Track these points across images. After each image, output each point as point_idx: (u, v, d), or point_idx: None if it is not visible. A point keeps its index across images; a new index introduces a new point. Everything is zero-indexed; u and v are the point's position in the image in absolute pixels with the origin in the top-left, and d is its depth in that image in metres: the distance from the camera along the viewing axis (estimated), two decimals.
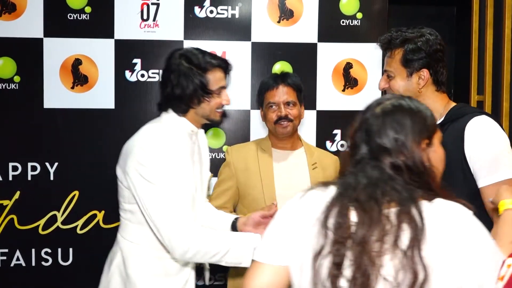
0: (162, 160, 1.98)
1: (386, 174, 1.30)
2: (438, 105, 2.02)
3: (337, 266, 1.25)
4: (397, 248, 1.21)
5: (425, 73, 2.00)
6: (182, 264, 2.10)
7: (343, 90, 3.15)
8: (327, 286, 1.26)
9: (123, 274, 2.09)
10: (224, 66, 2.12)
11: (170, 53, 2.13)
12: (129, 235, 2.10)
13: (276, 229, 1.40)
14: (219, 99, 2.10)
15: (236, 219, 2.28)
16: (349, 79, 3.12)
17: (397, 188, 1.28)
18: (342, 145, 3.16)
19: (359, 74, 3.14)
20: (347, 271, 1.24)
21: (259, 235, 2.00)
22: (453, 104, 2.05)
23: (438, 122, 1.99)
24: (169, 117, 2.12)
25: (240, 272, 2.27)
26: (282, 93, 2.54)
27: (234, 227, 2.25)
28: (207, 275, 2.31)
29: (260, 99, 2.65)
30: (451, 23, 4.13)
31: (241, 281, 1.45)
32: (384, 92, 2.14)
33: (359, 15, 3.11)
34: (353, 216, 1.27)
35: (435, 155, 1.36)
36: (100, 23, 2.98)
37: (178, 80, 2.04)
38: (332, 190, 1.35)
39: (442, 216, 1.26)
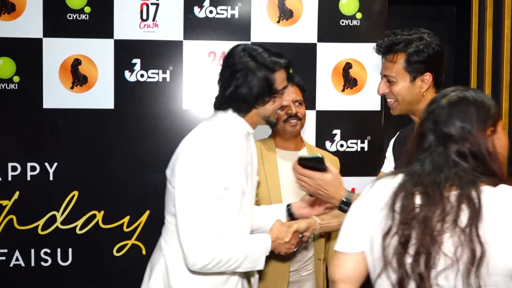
0: (208, 165, 1.88)
1: (452, 160, 1.41)
2: None
3: (403, 245, 1.38)
4: (456, 226, 1.33)
5: (428, 76, 1.97)
6: (229, 273, 1.99)
7: (343, 90, 3.14)
8: (393, 263, 1.40)
9: (166, 285, 2.00)
10: (288, 65, 2.06)
11: (231, 50, 2.03)
12: (173, 241, 1.98)
13: (351, 219, 1.53)
14: (281, 99, 2.06)
15: (289, 206, 2.26)
16: (348, 79, 3.12)
17: (460, 173, 1.38)
18: (341, 145, 3.16)
19: (359, 74, 3.14)
20: (411, 249, 1.37)
21: (269, 237, 1.99)
22: None
23: None
24: (227, 117, 2.01)
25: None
26: (291, 92, 2.51)
27: (290, 215, 2.23)
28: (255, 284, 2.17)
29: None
30: (450, 23, 4.13)
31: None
32: (383, 96, 2.11)
33: (359, 15, 3.11)
34: (418, 200, 1.40)
35: (499, 142, 1.45)
36: (99, 23, 2.98)
37: (245, 79, 1.95)
38: (399, 178, 1.47)
39: (502, 199, 1.36)
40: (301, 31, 3.09)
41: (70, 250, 3.00)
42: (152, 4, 3.00)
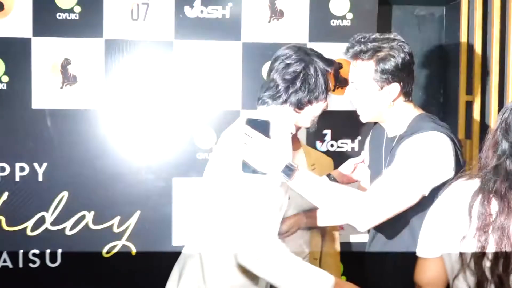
0: None
1: None
2: (406, 115, 1.98)
3: (481, 249, 1.46)
4: None
5: (395, 87, 1.91)
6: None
7: (333, 90, 3.14)
8: (471, 266, 1.48)
9: (199, 280, 1.96)
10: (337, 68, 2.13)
11: (304, 50, 2.06)
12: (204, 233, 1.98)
13: (430, 223, 1.62)
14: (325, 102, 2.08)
15: (329, 175, 2.27)
16: (339, 79, 3.13)
17: None
18: (332, 145, 3.17)
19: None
20: (489, 253, 1.45)
21: (333, 277, 1.83)
22: (417, 113, 2.00)
23: (400, 133, 1.97)
24: (279, 108, 2.01)
25: None
26: None
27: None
28: None
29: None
30: (440, 23, 4.16)
31: None
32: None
33: (349, 16, 3.12)
34: (494, 205, 1.47)
35: None
36: (89, 23, 2.96)
37: (315, 77, 1.98)
38: (475, 182, 1.55)
39: None
40: (292, 31, 3.09)
41: (59, 251, 2.97)
42: (142, 3, 2.99)
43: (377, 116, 2.01)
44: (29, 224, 2.94)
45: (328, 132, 3.16)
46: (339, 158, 3.05)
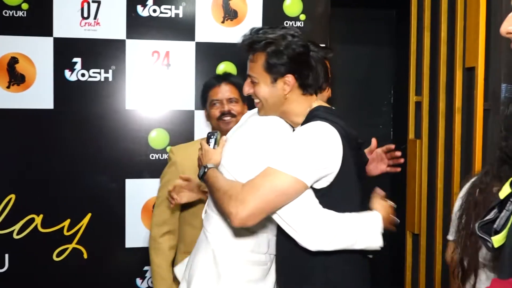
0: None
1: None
2: (304, 108, 1.91)
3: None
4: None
5: (290, 78, 1.87)
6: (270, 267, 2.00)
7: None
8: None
9: (215, 273, 1.95)
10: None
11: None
12: (218, 231, 1.96)
13: (455, 210, 2.12)
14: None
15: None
16: None
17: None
18: None
19: None
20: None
21: (378, 213, 1.87)
22: (316, 104, 1.93)
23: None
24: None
25: None
26: (225, 91, 2.57)
27: None
28: None
29: (203, 98, 2.65)
30: (390, 25, 4.25)
31: None
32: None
33: (302, 17, 3.15)
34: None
35: None
36: (38, 20, 2.89)
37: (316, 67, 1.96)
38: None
39: None
40: (246, 31, 3.08)
41: (6, 256, 2.88)
42: (93, 1, 2.93)
43: (275, 110, 1.94)
44: None
45: None
46: None
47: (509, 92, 2.76)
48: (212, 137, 2.05)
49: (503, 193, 1.34)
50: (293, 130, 1.97)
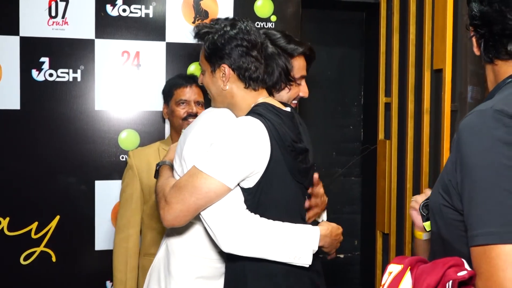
0: None
1: None
2: (248, 103, 1.87)
3: None
4: None
5: (225, 68, 1.85)
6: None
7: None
8: None
9: (166, 269, 1.93)
10: (309, 54, 2.05)
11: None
12: (176, 227, 1.92)
13: None
14: (298, 89, 2.04)
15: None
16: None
17: None
18: None
19: None
20: None
21: (319, 229, 1.80)
22: (261, 101, 1.87)
23: None
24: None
25: None
26: (194, 92, 2.61)
27: None
28: None
29: (168, 95, 2.66)
30: (360, 27, 4.29)
31: None
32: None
33: (273, 18, 3.16)
34: None
35: None
36: (3, 19, 2.82)
37: (269, 62, 1.95)
38: None
39: None
40: None
41: None
42: (61, 0, 2.88)
43: (221, 101, 1.92)
44: None
45: None
46: None
47: (475, 94, 2.82)
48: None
49: None
50: None
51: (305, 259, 1.74)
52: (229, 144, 1.72)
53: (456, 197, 1.20)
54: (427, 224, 1.47)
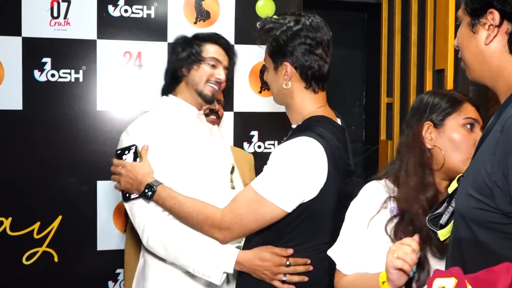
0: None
1: None
2: (306, 106, 1.84)
3: None
4: None
5: (287, 66, 1.80)
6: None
7: (260, 92, 3.18)
8: None
9: (142, 271, 2.06)
10: (224, 43, 2.15)
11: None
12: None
13: None
14: (211, 70, 2.09)
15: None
16: (265, 81, 3.15)
17: None
18: (259, 146, 3.19)
19: None
20: None
21: (237, 251, 1.84)
22: (320, 113, 1.84)
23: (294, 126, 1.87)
24: (163, 100, 2.16)
25: None
26: None
27: None
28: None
29: None
30: (362, 28, 4.28)
31: None
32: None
33: None
34: None
35: None
36: (6, 19, 2.83)
37: (174, 52, 2.12)
38: None
39: None
40: (218, 32, 3.07)
41: None
42: (63, 1, 2.89)
43: (281, 101, 1.90)
44: None
45: (255, 133, 3.18)
46: (266, 159, 3.08)
47: (477, 95, 2.81)
48: (127, 152, 1.96)
49: (451, 188, 1.39)
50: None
51: (214, 279, 1.82)
52: (291, 170, 1.71)
53: (502, 199, 1.15)
54: (443, 233, 1.37)
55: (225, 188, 2.09)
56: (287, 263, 1.78)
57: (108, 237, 2.95)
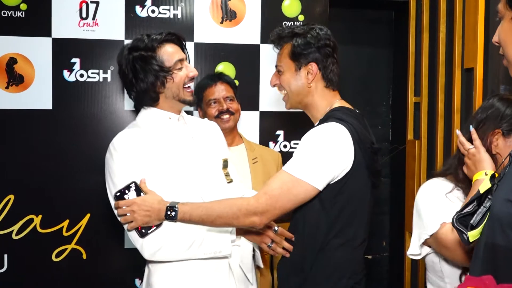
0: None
1: None
2: (326, 103, 1.98)
3: None
4: None
5: (313, 67, 1.94)
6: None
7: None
8: None
9: (148, 280, 2.09)
10: (173, 38, 2.05)
11: (120, 50, 2.07)
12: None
13: None
14: (182, 73, 2.03)
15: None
16: None
17: None
18: (285, 146, 3.19)
19: None
20: None
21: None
22: (337, 104, 1.98)
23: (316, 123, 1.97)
24: (142, 113, 2.08)
25: None
26: (221, 90, 2.67)
27: None
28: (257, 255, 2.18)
29: (198, 98, 2.69)
30: (389, 26, 4.24)
31: None
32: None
33: (301, 18, 3.15)
34: None
35: None
36: (36, 20, 2.88)
37: (135, 74, 1.98)
38: None
39: None
40: (244, 32, 3.10)
41: (5, 256, 2.88)
42: (92, 2, 2.93)
43: (298, 101, 1.99)
44: None
45: (281, 133, 3.18)
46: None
47: (508, 93, 2.76)
48: (127, 191, 1.93)
49: (483, 187, 1.35)
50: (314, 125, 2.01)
51: (225, 251, 1.96)
52: (320, 150, 1.83)
53: None
54: (474, 234, 1.34)
55: (220, 184, 2.09)
56: (275, 228, 1.97)
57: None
